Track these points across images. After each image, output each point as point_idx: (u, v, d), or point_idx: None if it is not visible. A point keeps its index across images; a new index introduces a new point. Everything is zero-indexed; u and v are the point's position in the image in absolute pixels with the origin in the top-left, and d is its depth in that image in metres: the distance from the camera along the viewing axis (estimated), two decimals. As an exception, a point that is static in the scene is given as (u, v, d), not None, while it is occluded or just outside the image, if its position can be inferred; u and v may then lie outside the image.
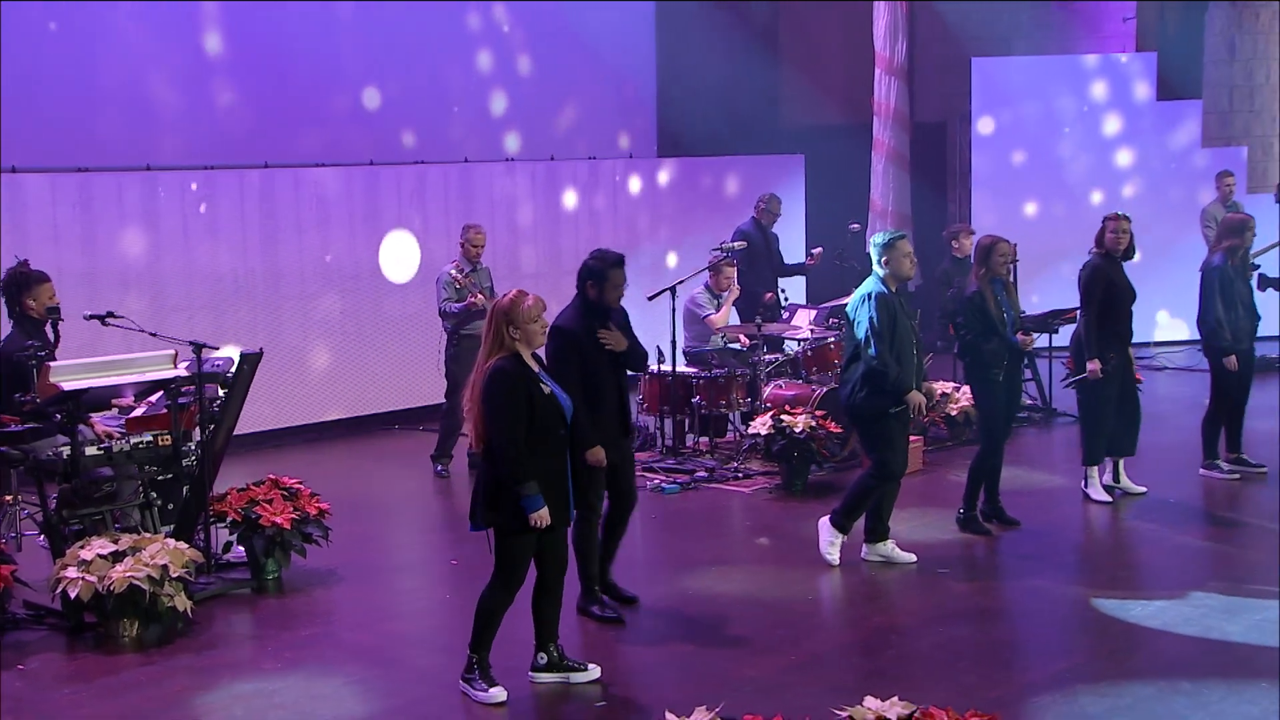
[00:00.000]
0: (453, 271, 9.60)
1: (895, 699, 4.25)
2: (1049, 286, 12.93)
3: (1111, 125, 14.33)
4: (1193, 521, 8.14)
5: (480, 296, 9.30)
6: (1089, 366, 8.23)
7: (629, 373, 6.76)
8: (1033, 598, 6.90)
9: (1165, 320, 14.22)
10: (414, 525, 8.89)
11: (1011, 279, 8.17)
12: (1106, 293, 8.33)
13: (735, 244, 10.47)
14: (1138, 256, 8.63)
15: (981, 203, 14.24)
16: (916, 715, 4.13)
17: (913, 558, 7.29)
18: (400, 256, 11.25)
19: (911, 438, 9.44)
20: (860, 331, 7.04)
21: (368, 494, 9.20)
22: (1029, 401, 11.26)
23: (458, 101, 12.47)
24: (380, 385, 11.10)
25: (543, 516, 5.36)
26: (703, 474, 9.24)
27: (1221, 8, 15.62)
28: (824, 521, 7.33)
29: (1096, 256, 8.48)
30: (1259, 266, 12.02)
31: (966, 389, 9.41)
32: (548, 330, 6.10)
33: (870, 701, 4.24)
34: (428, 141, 12.07)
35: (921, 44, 15.13)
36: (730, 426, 10.01)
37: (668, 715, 4.26)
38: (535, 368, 5.54)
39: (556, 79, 13.10)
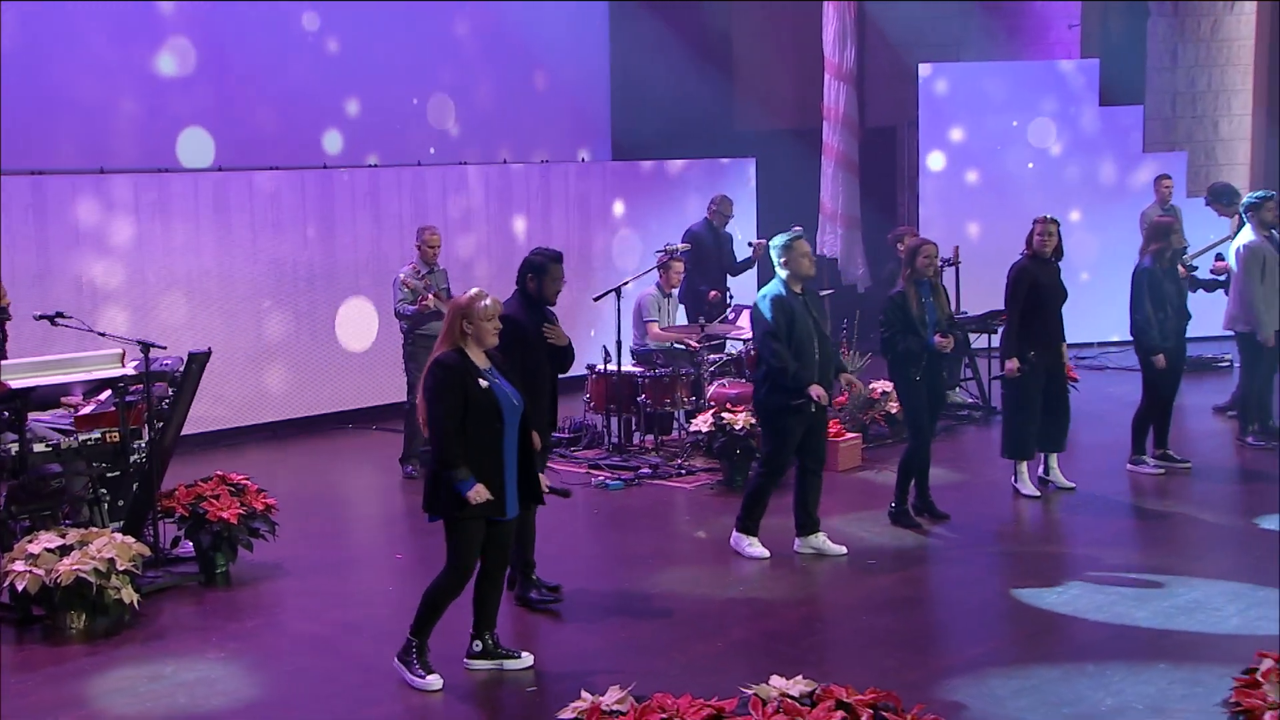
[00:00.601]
0: (407, 273, 9.80)
1: (800, 677, 4.48)
2: (994, 287, 13.15)
3: (1056, 130, 14.63)
4: (1115, 515, 8.42)
5: (432, 298, 9.49)
6: (1006, 365, 8.52)
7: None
8: (955, 587, 7.17)
9: (1107, 320, 14.52)
10: (363, 521, 9.08)
11: (940, 280, 8.39)
12: (1032, 293, 8.61)
13: (679, 245, 10.70)
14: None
15: (929, 206, 14.52)
16: (818, 692, 4.36)
17: (843, 549, 7.54)
18: (354, 259, 11.43)
19: (850, 435, 9.80)
20: (758, 332, 7.31)
21: (320, 491, 9.40)
22: (969, 400, 11.57)
23: (413, 106, 12.67)
24: (335, 385, 11.28)
25: (479, 492, 5.57)
26: (647, 470, 9.47)
27: (1164, 16, 15.96)
28: (733, 536, 7.59)
29: (1024, 258, 8.76)
30: (1195, 269, 12.38)
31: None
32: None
33: (776, 680, 4.47)
34: (384, 146, 12.27)
35: (871, 50, 15.40)
36: (675, 424, 10.24)
37: (583, 694, 4.48)
38: (483, 364, 5.74)
39: (512, 85, 13.32)
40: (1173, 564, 7.33)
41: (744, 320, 10.98)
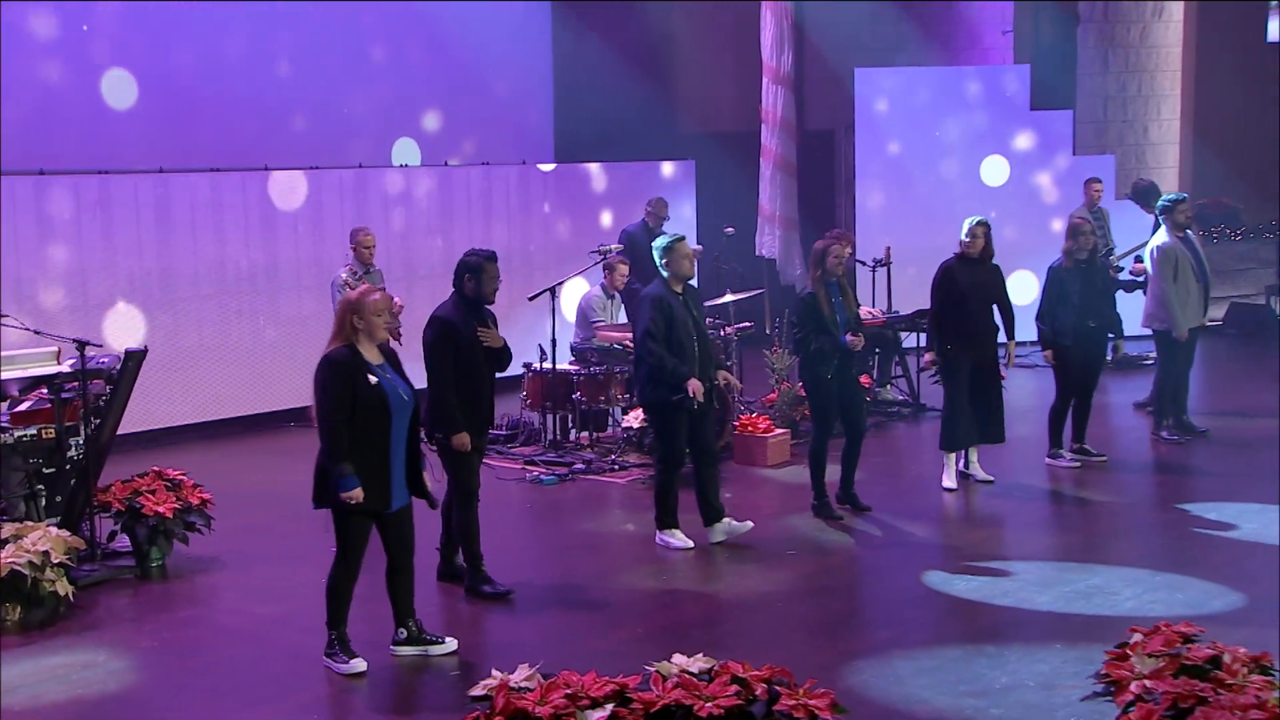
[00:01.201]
0: (344, 274, 10.00)
1: (700, 655, 4.72)
2: (926, 287, 13.46)
3: (988, 133, 14.97)
4: (1029, 506, 8.72)
5: (369, 297, 9.67)
6: (924, 359, 8.82)
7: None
8: (869, 575, 7.46)
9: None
10: (300, 517, 9.14)
11: (846, 281, 8.62)
12: (954, 292, 8.90)
13: (613, 245, 10.92)
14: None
15: (865, 207, 14.82)
16: (715, 669, 4.60)
17: (749, 524, 7.84)
18: (295, 259, 11.58)
19: (779, 431, 10.06)
20: (638, 331, 7.59)
21: (259, 488, 9.53)
22: (900, 397, 11.87)
23: (357, 109, 12.84)
24: (275, 384, 11.42)
25: (354, 495, 5.78)
26: (580, 466, 9.69)
27: (1095, 23, 16.37)
28: (657, 535, 7.84)
29: (953, 258, 9.06)
30: (1121, 269, 12.75)
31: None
32: (429, 321, 6.62)
33: (677, 658, 4.70)
34: (326, 148, 12.43)
35: (810, 55, 15.70)
36: (610, 421, 10.47)
37: (493, 672, 4.70)
38: (375, 360, 5.94)
39: (454, 88, 13.51)
40: (1078, 552, 7.64)
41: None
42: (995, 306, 9.02)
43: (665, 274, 7.68)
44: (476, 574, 7.05)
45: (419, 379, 11.39)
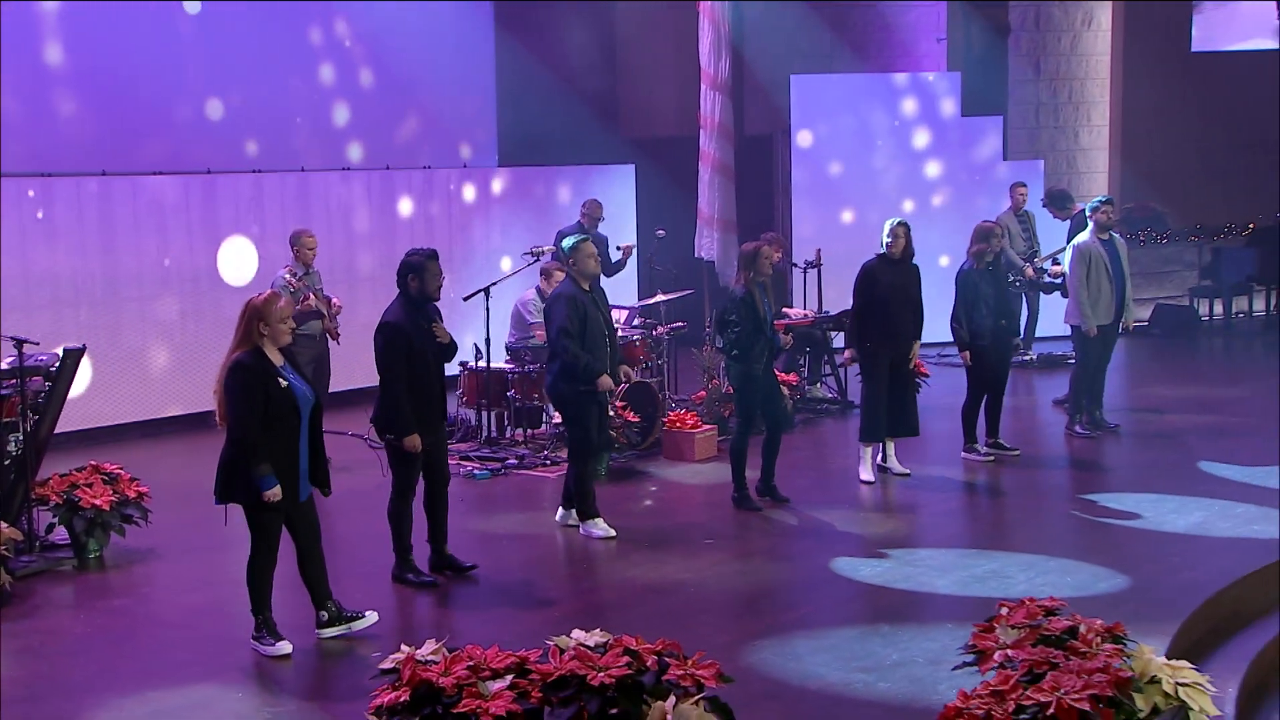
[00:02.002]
0: (287, 275, 10.24)
1: (597, 630, 5.03)
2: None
3: (920, 139, 15.39)
4: (940, 497, 9.07)
5: (313, 298, 9.95)
6: (843, 356, 9.18)
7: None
8: (780, 562, 7.80)
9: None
10: (236, 510, 9.47)
11: (769, 282, 8.97)
12: (875, 291, 9.28)
13: (546, 247, 11.22)
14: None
15: (801, 211, 15.21)
16: (610, 642, 4.91)
17: (613, 533, 8.14)
18: (238, 261, 11.83)
19: (706, 426, 10.39)
20: (553, 329, 7.93)
21: (198, 482, 9.69)
22: (829, 395, 12.23)
23: (301, 113, 13.08)
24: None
25: (274, 494, 6.10)
26: (513, 461, 9.99)
27: (1026, 32, 16.82)
28: (581, 526, 8.18)
29: (874, 258, 9.43)
30: (1045, 271, 13.18)
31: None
32: (379, 327, 7.00)
33: (575, 633, 5.00)
34: (270, 152, 12.67)
35: (750, 62, 16.04)
36: (544, 418, 10.77)
37: (402, 646, 4.99)
38: (279, 362, 6.24)
39: (398, 92, 13.76)
40: (981, 540, 8.03)
41: (614, 317, 11.54)
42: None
43: (571, 272, 8.00)
44: (404, 563, 7.34)
45: (359, 377, 11.76)
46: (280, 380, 6.16)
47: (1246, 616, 6.78)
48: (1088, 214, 10.56)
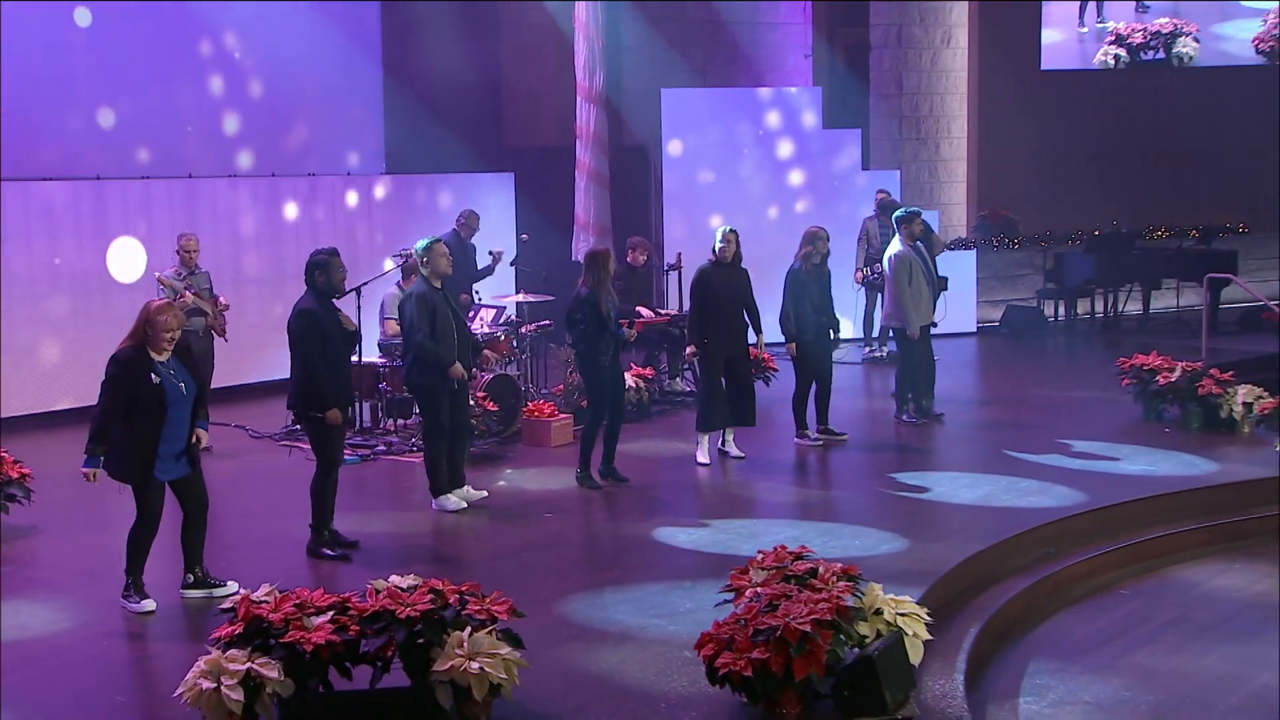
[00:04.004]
0: (169, 275, 10.95)
1: (411, 575, 5.87)
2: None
3: (784, 149, 16.39)
4: (768, 477, 9.99)
5: (189, 295, 10.68)
6: (686, 350, 10.09)
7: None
8: (607, 532, 8.71)
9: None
10: (122, 492, 10.19)
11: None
12: (708, 292, 10.19)
13: (412, 250, 11.99)
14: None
15: (673, 217, 16.14)
16: (420, 585, 5.75)
17: (485, 493, 9.12)
18: (126, 261, 12.50)
19: (562, 416, 11.26)
20: (406, 324, 8.76)
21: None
22: (687, 388, 13.13)
23: (191, 122, 13.76)
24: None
25: (90, 473, 6.90)
26: (382, 448, 10.79)
27: (889, 49, 17.94)
28: (432, 501, 9.00)
29: (707, 262, 10.35)
30: (879, 274, 14.14)
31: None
32: (293, 314, 7.95)
33: (392, 577, 5.84)
34: (161, 159, 13.34)
35: (627, 75, 16.96)
36: (414, 409, 11.55)
37: (240, 590, 5.79)
38: (162, 359, 6.99)
39: (287, 102, 14.47)
40: (791, 511, 8.98)
41: (482, 315, 12.38)
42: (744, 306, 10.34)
43: (425, 272, 8.86)
44: (319, 538, 8.11)
45: (248, 373, 12.52)
46: (153, 376, 6.92)
47: (1003, 573, 7.79)
48: (897, 225, 11.47)
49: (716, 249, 10.28)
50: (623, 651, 6.39)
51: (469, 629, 5.55)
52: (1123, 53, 18.53)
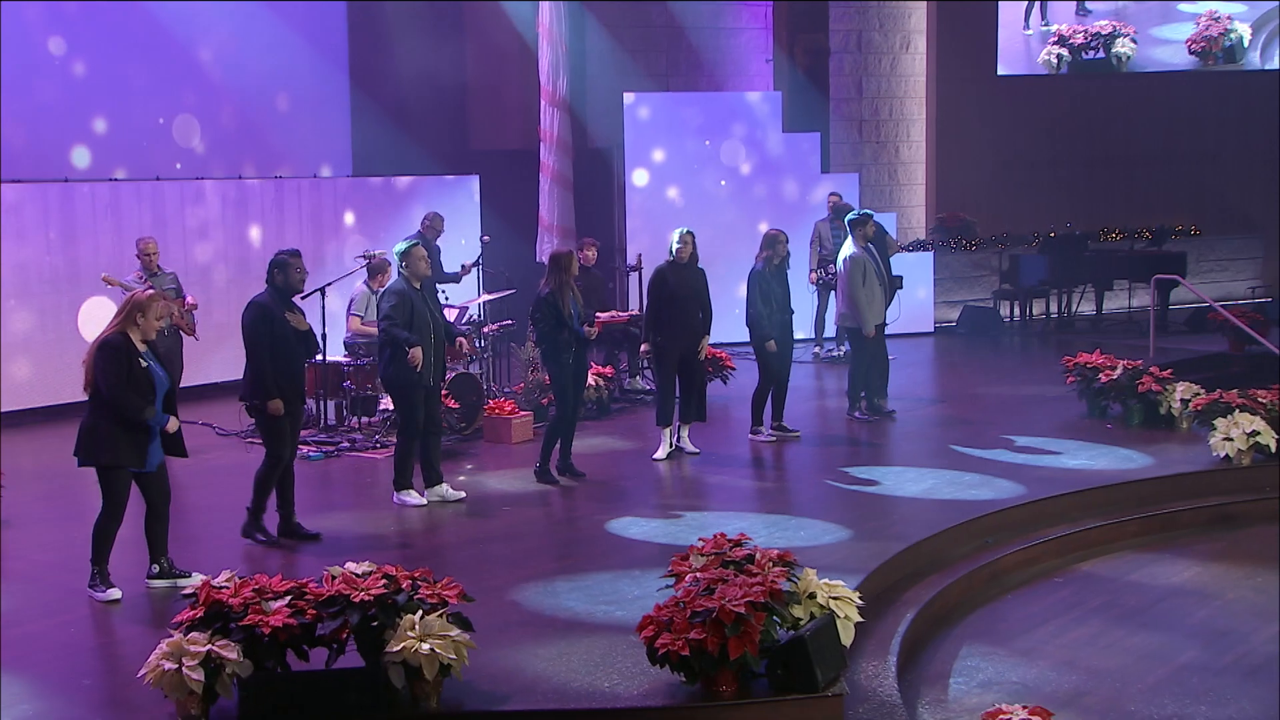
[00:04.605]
0: (132, 278, 11.17)
1: (366, 562, 6.13)
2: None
3: (744, 153, 16.70)
4: (721, 471, 10.30)
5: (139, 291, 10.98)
6: (642, 347, 10.39)
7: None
8: (563, 524, 8.99)
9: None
10: (88, 488, 10.39)
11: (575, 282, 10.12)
12: (665, 291, 10.48)
13: (377, 251, 12.25)
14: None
15: (634, 218, 16.44)
16: (374, 570, 6.01)
17: (462, 494, 9.33)
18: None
19: (523, 413, 11.53)
20: (380, 315, 9.04)
21: (55, 466, 10.64)
22: (648, 387, 13.42)
23: (159, 124, 13.97)
24: (76, 377, 12.49)
25: (170, 425, 7.22)
26: (346, 444, 11.04)
27: (849, 54, 18.26)
28: (394, 495, 9.24)
29: (664, 263, 10.64)
30: (834, 276, 14.45)
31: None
32: (246, 306, 8.27)
33: (349, 564, 6.10)
34: (128, 162, 13.55)
35: (592, 79, 17.23)
36: (378, 406, 11.81)
37: (200, 578, 6.06)
38: (142, 348, 7.25)
39: (255, 105, 14.70)
40: (741, 504, 9.28)
41: (446, 315, 12.62)
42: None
43: (405, 273, 9.12)
44: (254, 522, 8.40)
45: (214, 373, 12.73)
46: (141, 361, 7.18)
47: (943, 563, 8.11)
48: (850, 228, 11.77)
49: (674, 250, 10.56)
50: (570, 636, 6.66)
51: (420, 612, 5.81)
52: (1065, 52, 18.93)
